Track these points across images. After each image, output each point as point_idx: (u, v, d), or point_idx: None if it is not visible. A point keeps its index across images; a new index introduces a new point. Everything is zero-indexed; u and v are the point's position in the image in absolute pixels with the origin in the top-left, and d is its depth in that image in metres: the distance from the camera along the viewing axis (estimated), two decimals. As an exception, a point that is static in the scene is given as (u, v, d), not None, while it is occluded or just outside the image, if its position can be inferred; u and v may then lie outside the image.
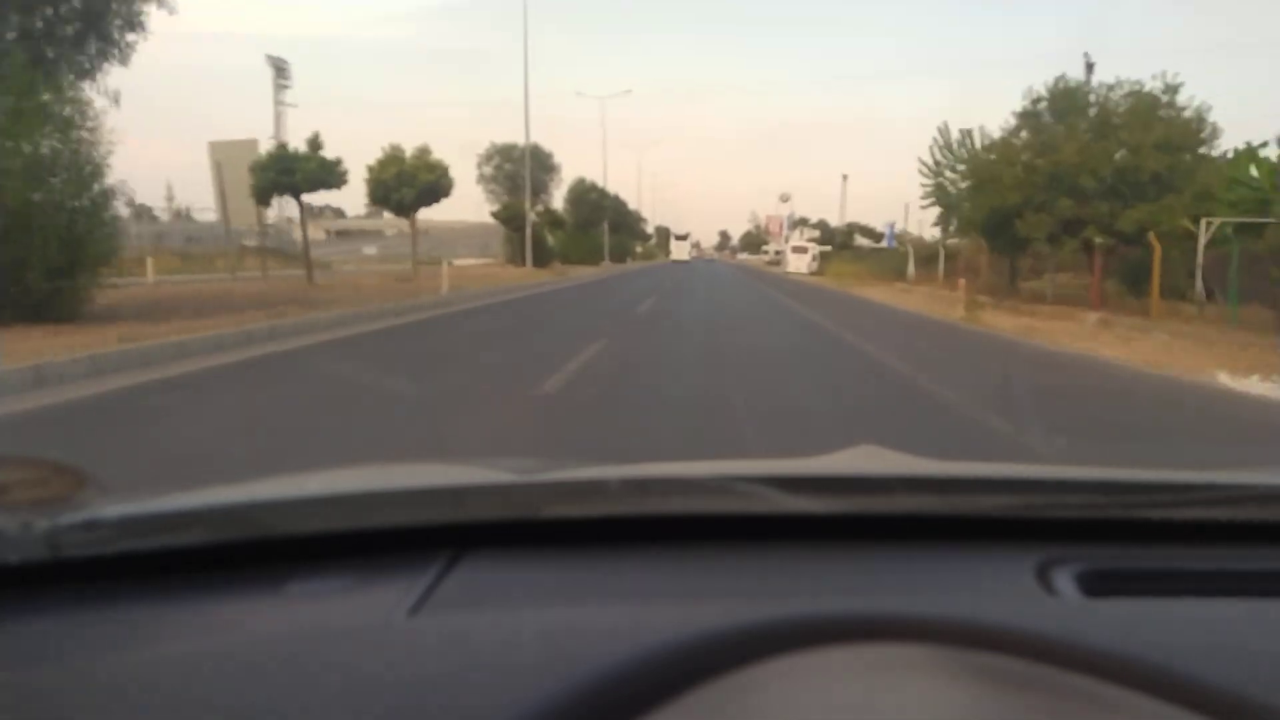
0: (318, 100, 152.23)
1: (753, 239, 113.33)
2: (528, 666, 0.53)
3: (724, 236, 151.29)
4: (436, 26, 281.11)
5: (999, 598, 0.71)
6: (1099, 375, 8.45)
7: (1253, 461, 1.81)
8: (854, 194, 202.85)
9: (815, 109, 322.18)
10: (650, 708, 0.47)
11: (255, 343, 8.79)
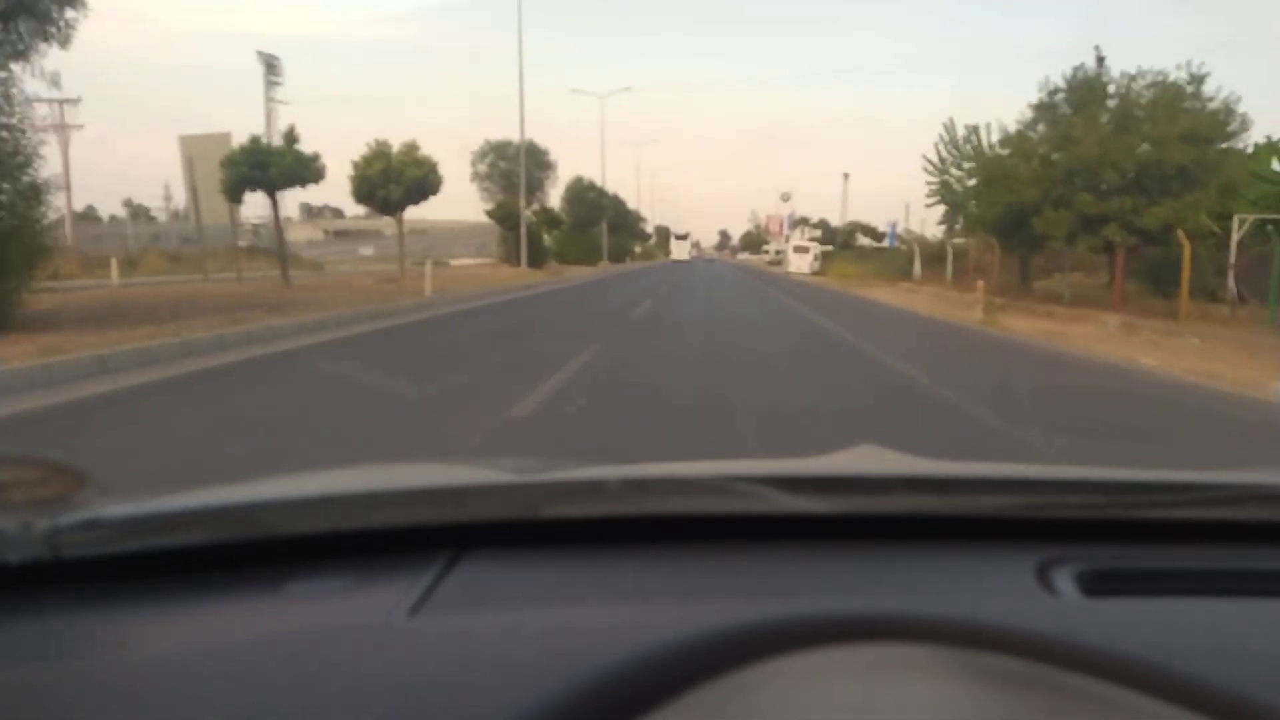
0: (317, 100, 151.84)
1: (753, 238, 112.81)
2: (528, 666, 0.54)
3: (724, 236, 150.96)
4: (435, 26, 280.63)
5: (999, 598, 0.71)
6: (1150, 390, 7.60)
7: (1252, 461, 1.79)
8: (855, 193, 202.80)
9: (816, 108, 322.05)
10: (650, 708, 0.47)
11: (192, 355, 7.70)
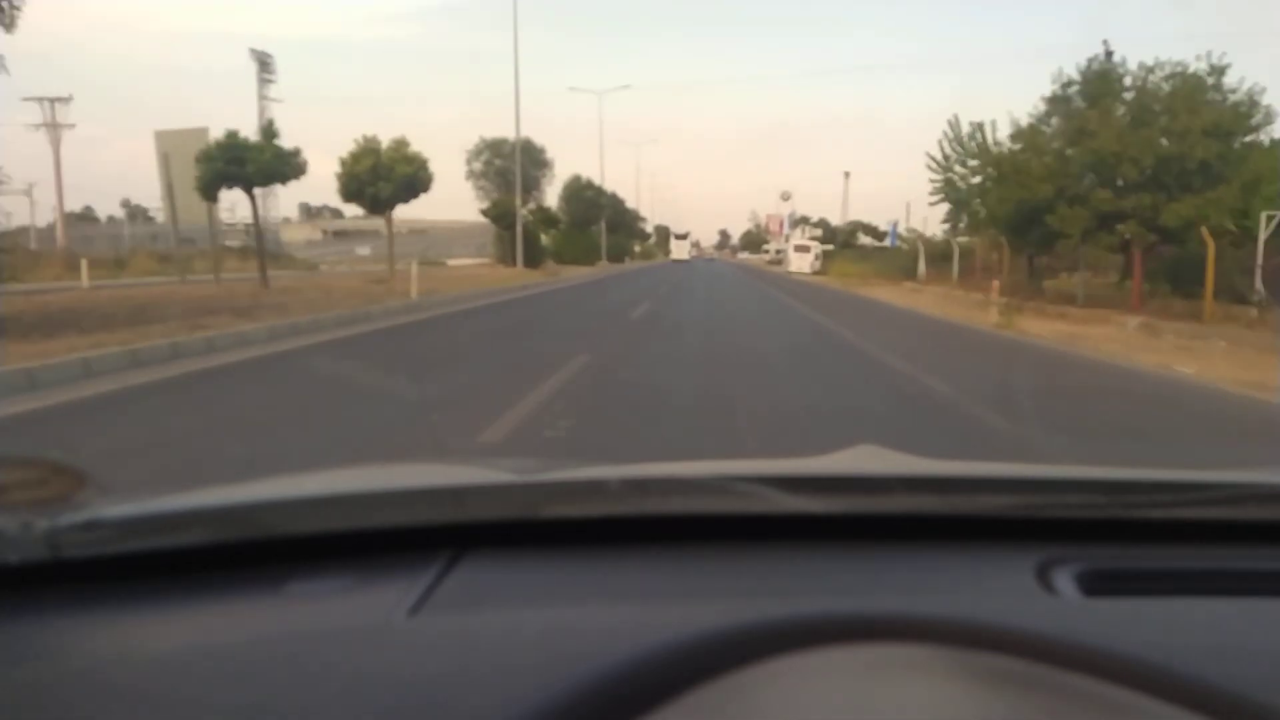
0: (317, 100, 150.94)
1: (753, 238, 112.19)
2: (528, 666, 0.54)
3: (724, 235, 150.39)
4: (435, 25, 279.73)
5: (999, 598, 0.71)
6: (1202, 406, 6.91)
7: (1253, 461, 1.85)
8: (855, 192, 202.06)
9: (816, 107, 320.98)
10: (650, 708, 0.47)
11: (139, 367, 6.93)
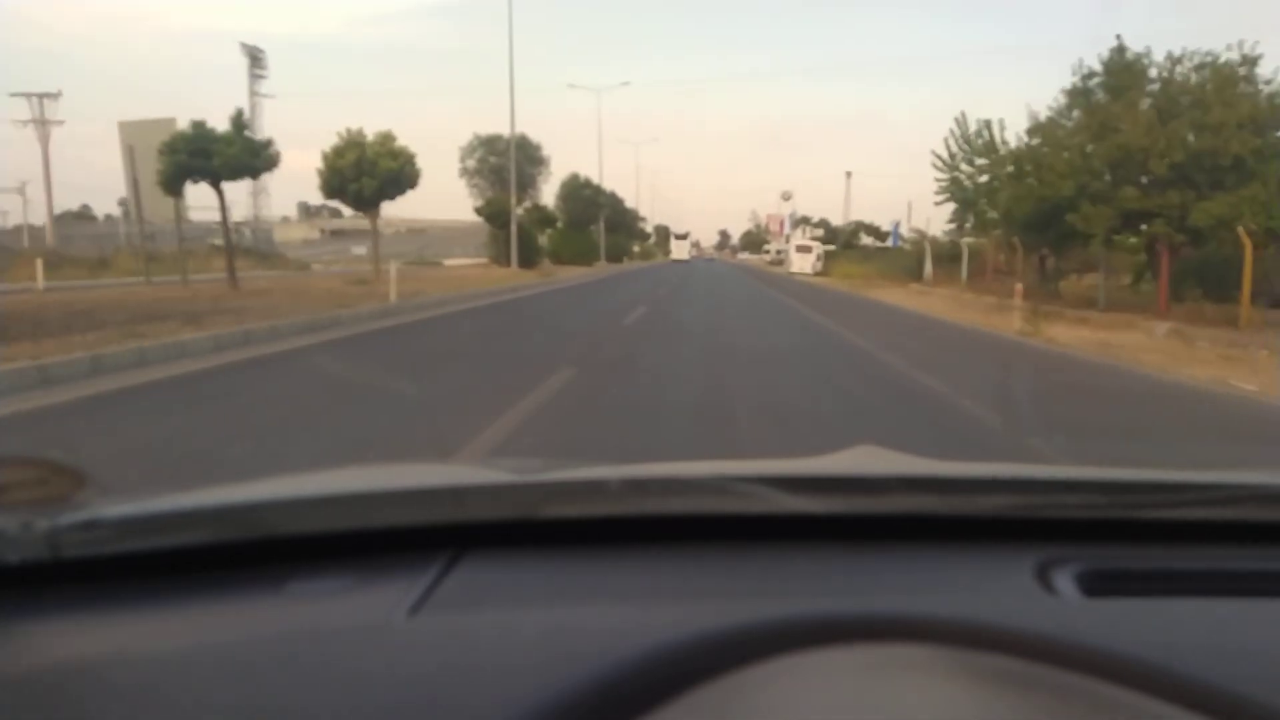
0: (310, 98, 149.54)
1: (753, 238, 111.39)
2: (528, 666, 0.54)
3: (724, 235, 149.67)
4: (431, 22, 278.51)
5: (999, 598, 0.71)
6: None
7: (1253, 461, 1.80)
8: (856, 193, 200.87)
9: (817, 105, 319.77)
10: (650, 708, 0.47)
11: (45, 386, 6.08)
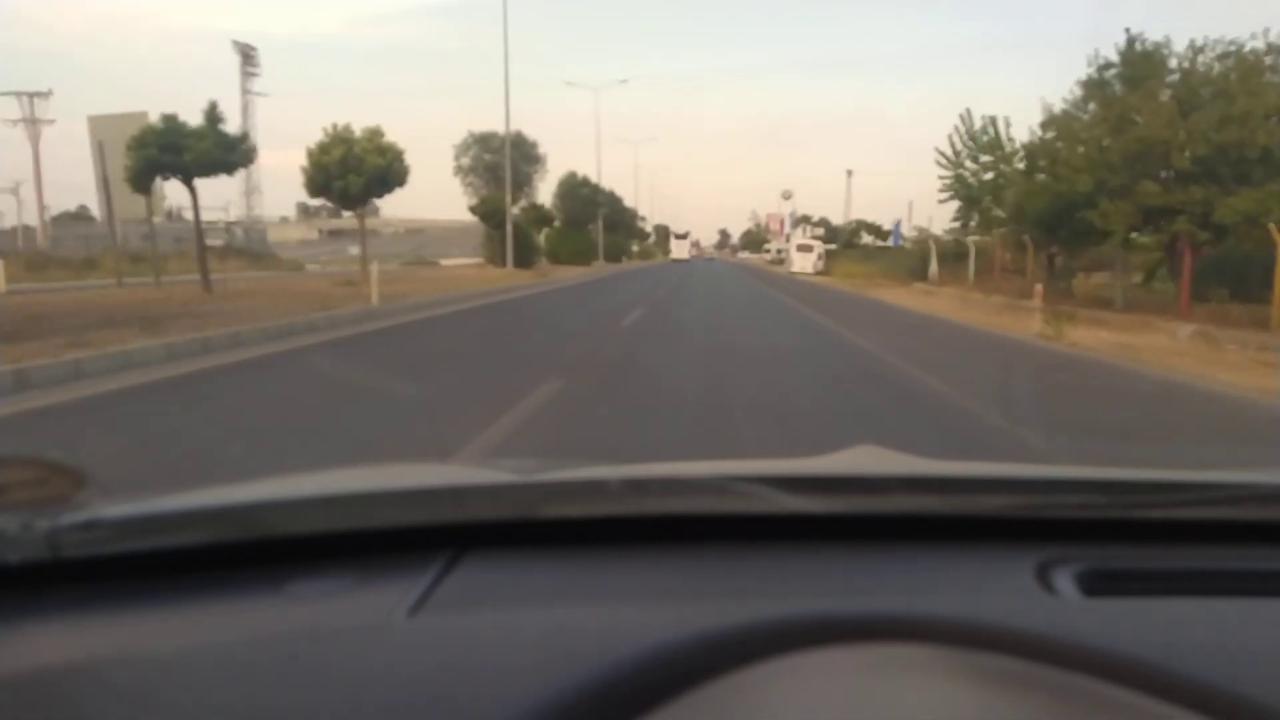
0: (317, 100, 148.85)
1: (753, 237, 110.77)
2: (528, 666, 0.54)
3: (724, 235, 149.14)
4: (431, 25, 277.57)
5: (999, 598, 0.71)
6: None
7: (1253, 461, 1.81)
8: (857, 191, 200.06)
9: (817, 104, 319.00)
10: (650, 708, 0.47)
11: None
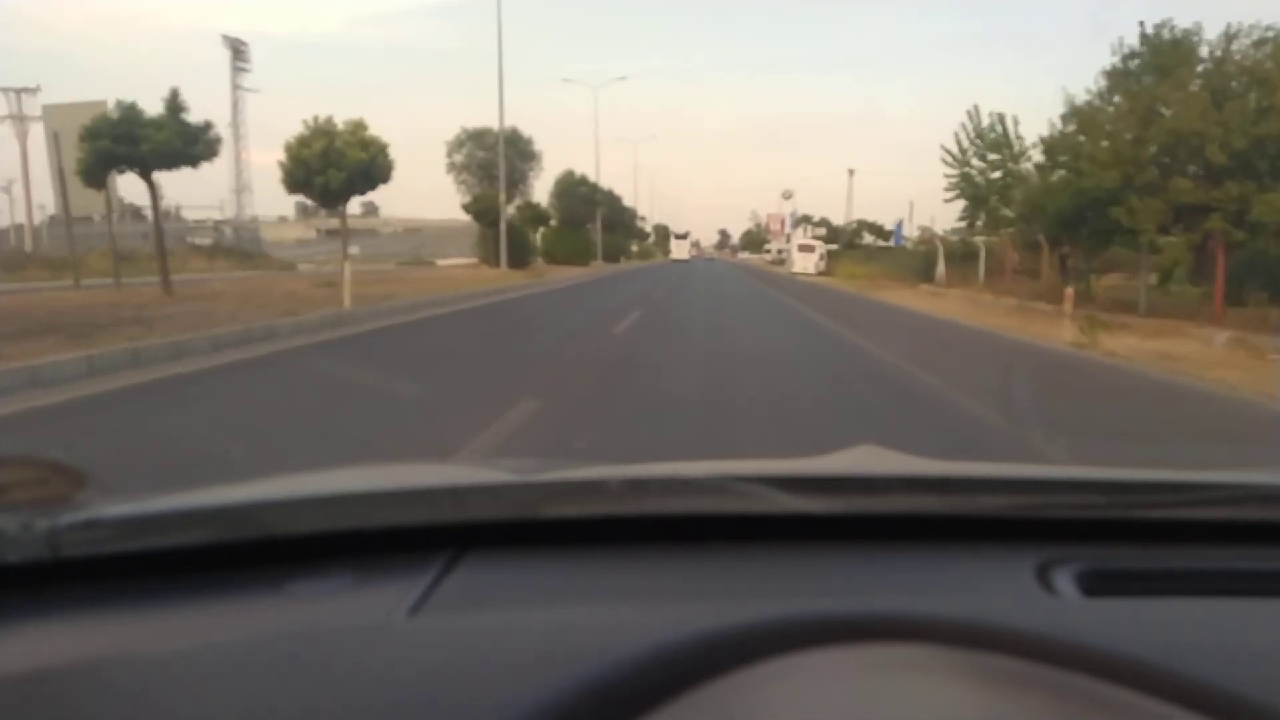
0: (316, 100, 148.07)
1: (754, 237, 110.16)
2: (528, 666, 0.54)
3: (724, 235, 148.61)
4: (431, 25, 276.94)
5: (999, 598, 0.71)
6: None
7: (1253, 461, 1.78)
8: (856, 190, 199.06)
9: (816, 102, 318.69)
10: (650, 708, 0.47)
11: None
